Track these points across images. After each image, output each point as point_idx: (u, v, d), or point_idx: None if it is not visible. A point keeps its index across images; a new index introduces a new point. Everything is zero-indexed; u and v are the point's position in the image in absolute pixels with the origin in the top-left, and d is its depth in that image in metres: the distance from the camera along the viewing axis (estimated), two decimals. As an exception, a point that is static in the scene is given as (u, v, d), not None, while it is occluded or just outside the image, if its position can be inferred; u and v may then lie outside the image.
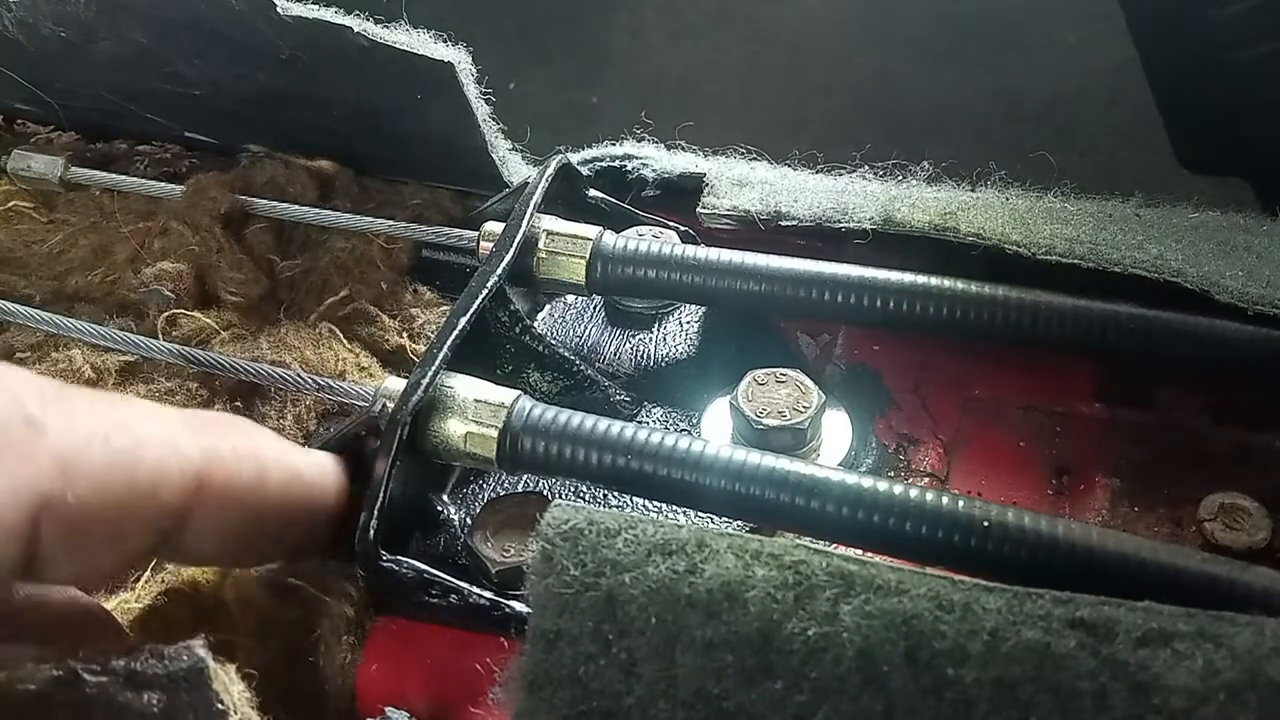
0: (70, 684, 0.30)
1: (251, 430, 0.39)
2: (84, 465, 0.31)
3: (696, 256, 0.51)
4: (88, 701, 0.30)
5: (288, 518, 0.40)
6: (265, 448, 0.39)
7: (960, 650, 0.30)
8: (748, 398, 0.47)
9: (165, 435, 0.34)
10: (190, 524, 0.35)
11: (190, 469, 0.35)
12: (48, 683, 0.30)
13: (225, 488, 0.36)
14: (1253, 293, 0.45)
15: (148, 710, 0.31)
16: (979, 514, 0.37)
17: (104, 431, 0.32)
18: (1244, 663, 0.28)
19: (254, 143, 0.69)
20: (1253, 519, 0.43)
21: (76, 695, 0.30)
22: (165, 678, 0.31)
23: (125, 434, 0.33)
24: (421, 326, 0.60)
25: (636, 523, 0.35)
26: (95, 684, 0.30)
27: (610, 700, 0.32)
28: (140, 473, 0.33)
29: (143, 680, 0.31)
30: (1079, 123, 1.08)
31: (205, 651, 0.32)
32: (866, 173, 0.58)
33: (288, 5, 0.56)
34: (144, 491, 0.33)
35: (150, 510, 0.34)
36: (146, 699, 0.31)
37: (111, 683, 0.31)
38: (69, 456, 0.31)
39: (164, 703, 0.31)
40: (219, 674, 0.32)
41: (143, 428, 0.34)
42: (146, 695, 0.31)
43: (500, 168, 0.62)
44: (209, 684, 0.32)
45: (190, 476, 0.35)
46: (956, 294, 0.47)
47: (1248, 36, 0.67)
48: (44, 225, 0.68)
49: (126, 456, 0.33)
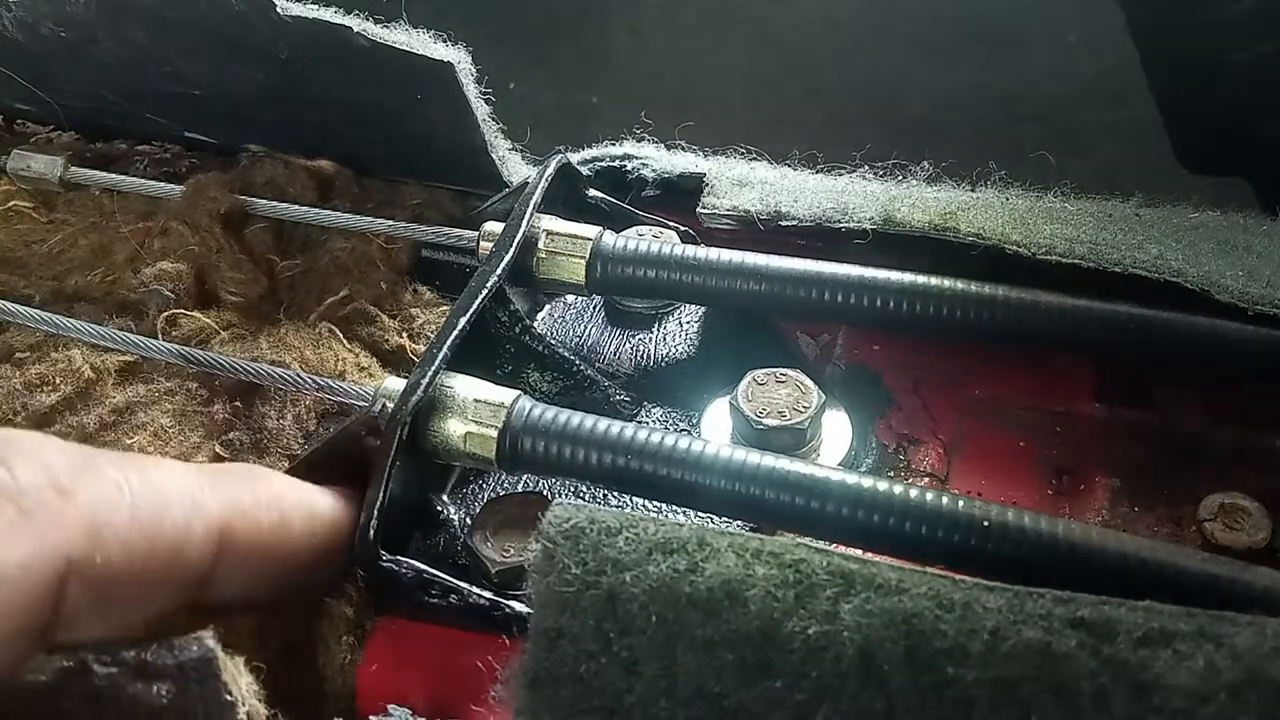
0: (80, 675, 0.31)
1: (269, 477, 0.40)
2: (111, 529, 0.32)
3: (696, 256, 0.51)
4: (97, 692, 0.30)
5: (312, 558, 0.40)
6: (285, 495, 0.40)
7: (961, 649, 0.30)
8: (748, 398, 0.47)
9: (188, 494, 0.35)
10: (216, 578, 0.36)
11: (214, 525, 0.35)
12: (57, 674, 0.30)
13: (249, 540, 0.37)
14: (1253, 293, 0.44)
15: (157, 701, 0.31)
16: (979, 514, 0.37)
17: (130, 495, 0.33)
18: (1245, 663, 0.28)
19: (254, 143, 0.69)
20: (1253, 519, 0.43)
21: (86, 686, 0.31)
22: (175, 668, 0.31)
23: (151, 496, 0.34)
24: (421, 326, 0.60)
25: (637, 521, 0.35)
26: (105, 675, 0.31)
27: (611, 698, 0.32)
28: (165, 534, 0.34)
29: (152, 671, 0.31)
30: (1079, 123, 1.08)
31: (215, 643, 0.32)
32: (866, 173, 0.58)
33: (287, 5, 0.56)
34: (170, 551, 0.34)
35: (176, 569, 0.34)
36: (156, 690, 0.31)
37: (121, 674, 0.31)
38: (97, 521, 0.32)
39: (173, 693, 0.31)
40: (228, 665, 0.32)
41: (168, 488, 0.35)
42: (156, 686, 0.31)
43: (500, 168, 0.62)
44: (218, 675, 0.32)
45: (214, 533, 0.35)
46: (956, 294, 0.47)
47: (1248, 36, 0.67)
48: (44, 225, 0.68)
49: (152, 519, 0.33)
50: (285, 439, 0.55)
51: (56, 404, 0.55)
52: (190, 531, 0.34)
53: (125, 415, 0.55)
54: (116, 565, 0.32)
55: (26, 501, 0.30)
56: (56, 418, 0.55)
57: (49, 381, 0.56)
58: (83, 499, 0.32)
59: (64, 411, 0.55)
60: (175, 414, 0.56)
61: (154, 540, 0.33)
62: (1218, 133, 0.74)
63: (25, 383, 0.56)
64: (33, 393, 0.55)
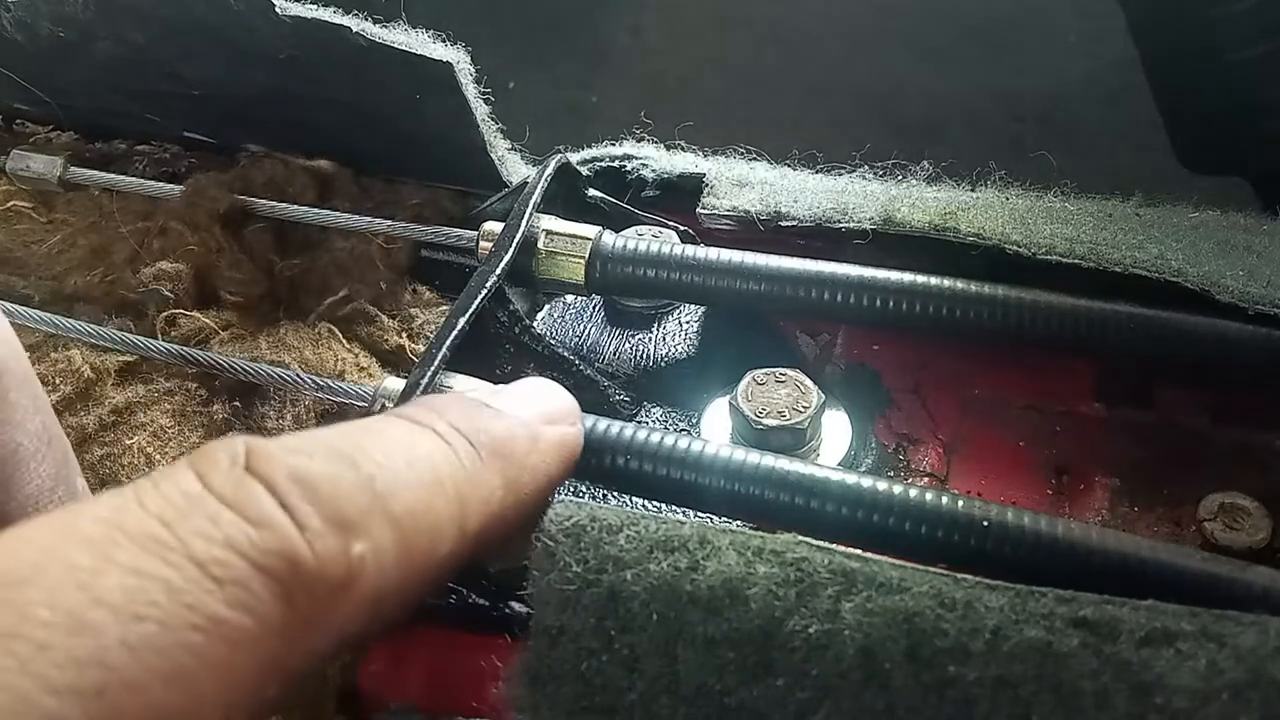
0: None
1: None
2: (387, 600, 0.28)
3: (696, 256, 0.51)
4: None
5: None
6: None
7: (962, 648, 0.30)
8: (747, 397, 0.47)
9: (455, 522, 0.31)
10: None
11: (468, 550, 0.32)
12: None
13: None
14: (1253, 292, 0.44)
15: None
16: (979, 514, 0.37)
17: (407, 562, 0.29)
18: (1247, 663, 0.28)
19: (253, 143, 0.69)
20: (1253, 519, 0.43)
21: None
22: None
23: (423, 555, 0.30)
24: (421, 326, 0.60)
25: (638, 519, 0.35)
26: None
27: (613, 696, 0.32)
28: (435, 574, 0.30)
29: None
30: (1079, 123, 1.08)
31: None
32: (866, 173, 0.58)
33: (286, 5, 0.56)
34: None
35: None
36: None
37: None
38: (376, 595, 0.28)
39: None
40: None
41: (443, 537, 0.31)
42: None
43: (499, 167, 0.61)
44: None
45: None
46: (956, 294, 0.47)
47: (1248, 36, 0.67)
48: (43, 225, 0.68)
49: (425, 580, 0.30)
50: (285, 439, 0.55)
51: (56, 404, 0.55)
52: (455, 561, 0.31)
53: (125, 415, 0.55)
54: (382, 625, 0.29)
55: (308, 583, 0.25)
56: (56, 418, 0.55)
57: (49, 381, 0.56)
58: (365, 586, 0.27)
59: (64, 412, 0.55)
60: (175, 414, 0.56)
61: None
62: (1218, 133, 0.74)
63: (24, 383, 0.56)
64: (32, 393, 0.55)
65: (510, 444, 0.33)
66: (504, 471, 0.33)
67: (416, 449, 0.30)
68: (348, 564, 0.26)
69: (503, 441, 0.33)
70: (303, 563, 0.25)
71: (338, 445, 0.28)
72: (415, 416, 0.32)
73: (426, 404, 0.33)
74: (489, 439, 0.33)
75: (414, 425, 0.31)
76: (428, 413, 0.32)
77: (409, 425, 0.31)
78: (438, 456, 0.31)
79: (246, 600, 0.24)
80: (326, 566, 0.26)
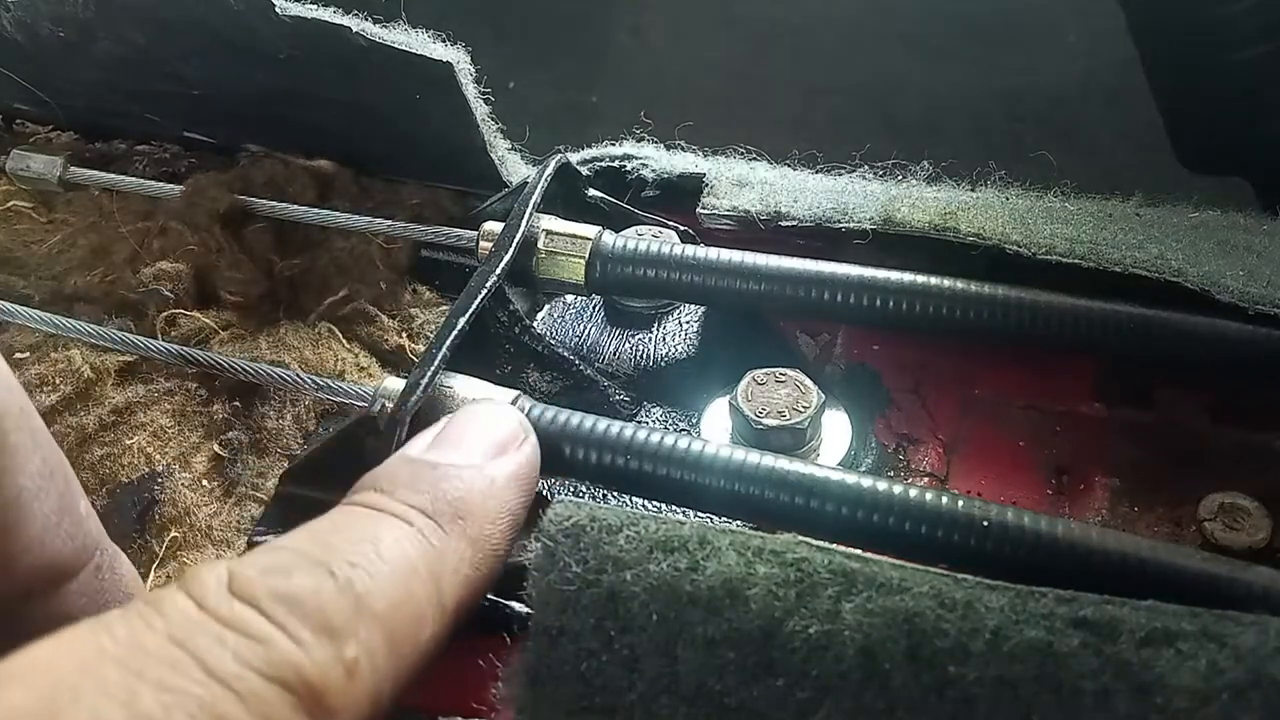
0: None
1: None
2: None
3: (696, 256, 0.51)
4: None
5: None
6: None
7: (962, 649, 0.30)
8: (747, 397, 0.47)
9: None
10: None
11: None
12: None
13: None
14: (1253, 292, 0.44)
15: None
16: (979, 514, 0.37)
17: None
18: (1248, 663, 0.28)
19: (253, 143, 0.69)
20: (1253, 519, 0.43)
21: None
22: None
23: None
24: (421, 326, 0.60)
25: (638, 519, 0.35)
26: None
27: (612, 696, 0.32)
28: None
29: None
30: (1079, 123, 1.08)
31: None
32: (866, 173, 0.58)
33: (286, 5, 0.56)
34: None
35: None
36: None
37: None
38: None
39: None
40: None
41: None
42: None
43: (499, 167, 0.61)
44: None
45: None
46: (956, 294, 0.47)
47: (1248, 36, 0.67)
48: (43, 225, 0.68)
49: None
50: (284, 439, 0.55)
51: (56, 404, 0.55)
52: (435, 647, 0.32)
53: (125, 415, 0.55)
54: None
55: (316, 691, 0.26)
56: (56, 418, 0.55)
57: (49, 382, 0.56)
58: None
59: (63, 412, 0.55)
60: (175, 414, 0.56)
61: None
62: (1218, 133, 0.74)
63: (25, 383, 0.55)
64: (32, 393, 0.55)
65: (467, 501, 0.34)
66: (467, 532, 0.33)
67: (383, 539, 0.31)
68: (344, 668, 0.27)
69: (460, 501, 0.34)
70: (305, 672, 0.26)
71: (310, 553, 0.29)
72: (373, 503, 0.33)
73: (377, 484, 0.34)
74: (446, 505, 0.33)
75: (373, 513, 0.32)
76: (381, 497, 0.33)
77: (369, 515, 0.32)
78: (405, 543, 0.32)
79: (270, 712, 0.25)
80: (328, 674, 0.27)
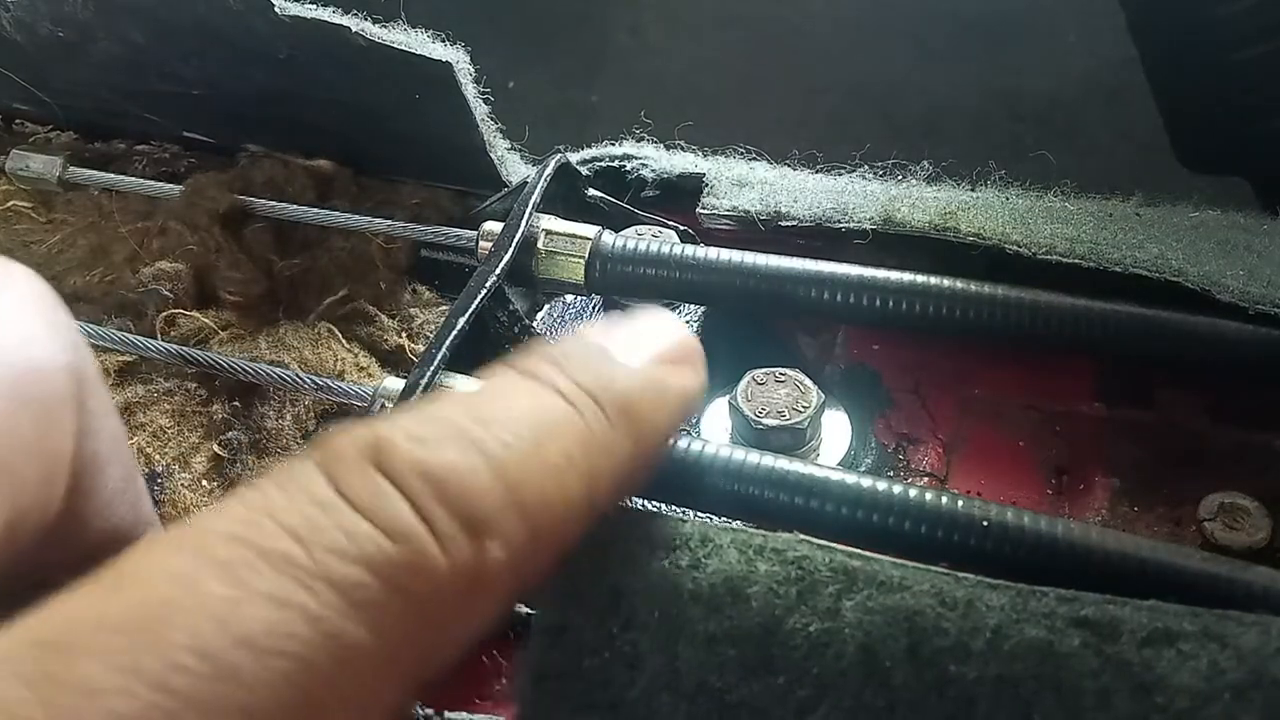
0: None
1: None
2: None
3: (696, 256, 0.51)
4: None
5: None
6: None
7: (963, 647, 0.30)
8: (747, 397, 0.47)
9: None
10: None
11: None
12: None
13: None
14: (1254, 292, 0.44)
15: None
16: (979, 514, 0.37)
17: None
18: (1249, 663, 0.28)
19: (252, 142, 0.69)
20: (1253, 519, 0.42)
21: None
22: None
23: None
24: (420, 326, 0.60)
25: (640, 518, 0.35)
26: None
27: (615, 692, 0.32)
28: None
29: None
30: (1079, 122, 1.08)
31: None
32: (866, 173, 0.58)
33: (285, 5, 0.56)
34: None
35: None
36: None
37: None
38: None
39: None
40: None
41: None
42: None
43: (499, 167, 0.61)
44: None
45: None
46: (956, 294, 0.47)
47: (1248, 36, 0.67)
48: (42, 225, 0.68)
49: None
50: (284, 439, 0.55)
51: (55, 404, 0.55)
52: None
53: (124, 415, 0.55)
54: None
55: (441, 594, 0.23)
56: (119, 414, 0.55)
57: (47, 381, 0.56)
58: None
59: (62, 411, 0.55)
60: (174, 414, 0.56)
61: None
62: (1218, 133, 0.74)
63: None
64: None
65: (638, 402, 0.30)
66: (632, 433, 0.29)
67: (544, 420, 0.27)
68: (481, 568, 0.24)
69: (631, 399, 0.30)
70: (438, 573, 0.23)
71: (462, 425, 0.26)
72: (538, 373, 0.29)
73: (548, 356, 0.30)
74: (616, 397, 0.29)
75: (538, 386, 0.29)
76: (550, 368, 0.29)
77: (533, 387, 0.29)
78: (566, 426, 0.28)
79: (383, 622, 0.22)
80: (460, 573, 0.24)
